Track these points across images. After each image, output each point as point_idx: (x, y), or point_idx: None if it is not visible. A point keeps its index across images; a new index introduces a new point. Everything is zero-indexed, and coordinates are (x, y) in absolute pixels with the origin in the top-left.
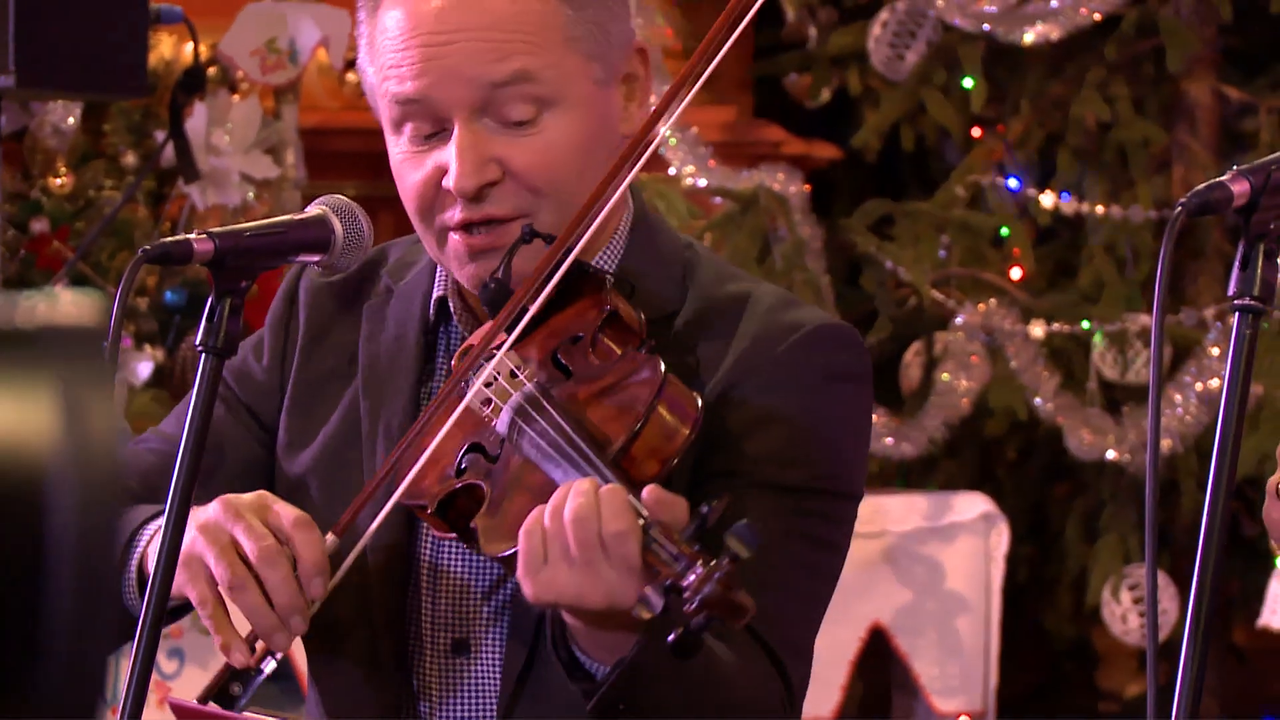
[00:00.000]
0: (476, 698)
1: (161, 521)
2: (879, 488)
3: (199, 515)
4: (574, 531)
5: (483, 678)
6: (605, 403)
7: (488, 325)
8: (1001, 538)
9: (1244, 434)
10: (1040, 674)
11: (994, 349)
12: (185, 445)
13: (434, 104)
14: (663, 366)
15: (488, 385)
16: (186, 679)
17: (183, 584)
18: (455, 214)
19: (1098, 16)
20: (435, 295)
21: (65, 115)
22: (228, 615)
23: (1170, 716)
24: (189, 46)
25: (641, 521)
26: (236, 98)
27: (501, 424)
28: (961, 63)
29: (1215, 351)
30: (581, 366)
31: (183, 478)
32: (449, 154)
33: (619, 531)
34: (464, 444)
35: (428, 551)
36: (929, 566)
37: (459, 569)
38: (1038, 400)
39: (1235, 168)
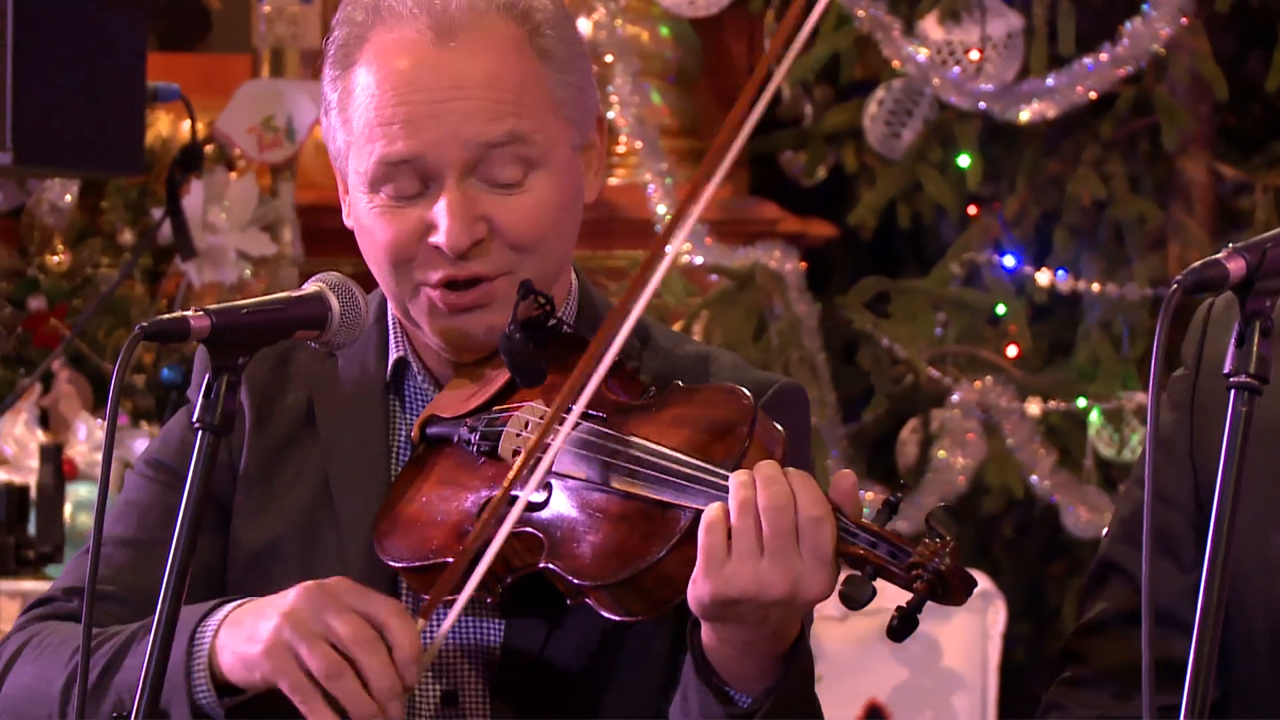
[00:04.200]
0: None
1: (222, 614)
2: None
3: (278, 603)
4: (770, 520)
5: None
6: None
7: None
8: (998, 615)
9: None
10: None
11: (990, 426)
12: (181, 527)
13: (426, 163)
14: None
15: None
16: None
17: (271, 673)
18: (438, 271)
19: (1093, 95)
20: (394, 356)
21: (62, 193)
22: (325, 701)
23: None
24: (186, 124)
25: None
26: (233, 175)
27: (570, 467)
28: (958, 141)
29: None
30: (614, 407)
31: (179, 557)
32: (438, 212)
33: (817, 517)
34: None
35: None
36: (926, 644)
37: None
38: (1034, 478)
39: (1231, 245)
